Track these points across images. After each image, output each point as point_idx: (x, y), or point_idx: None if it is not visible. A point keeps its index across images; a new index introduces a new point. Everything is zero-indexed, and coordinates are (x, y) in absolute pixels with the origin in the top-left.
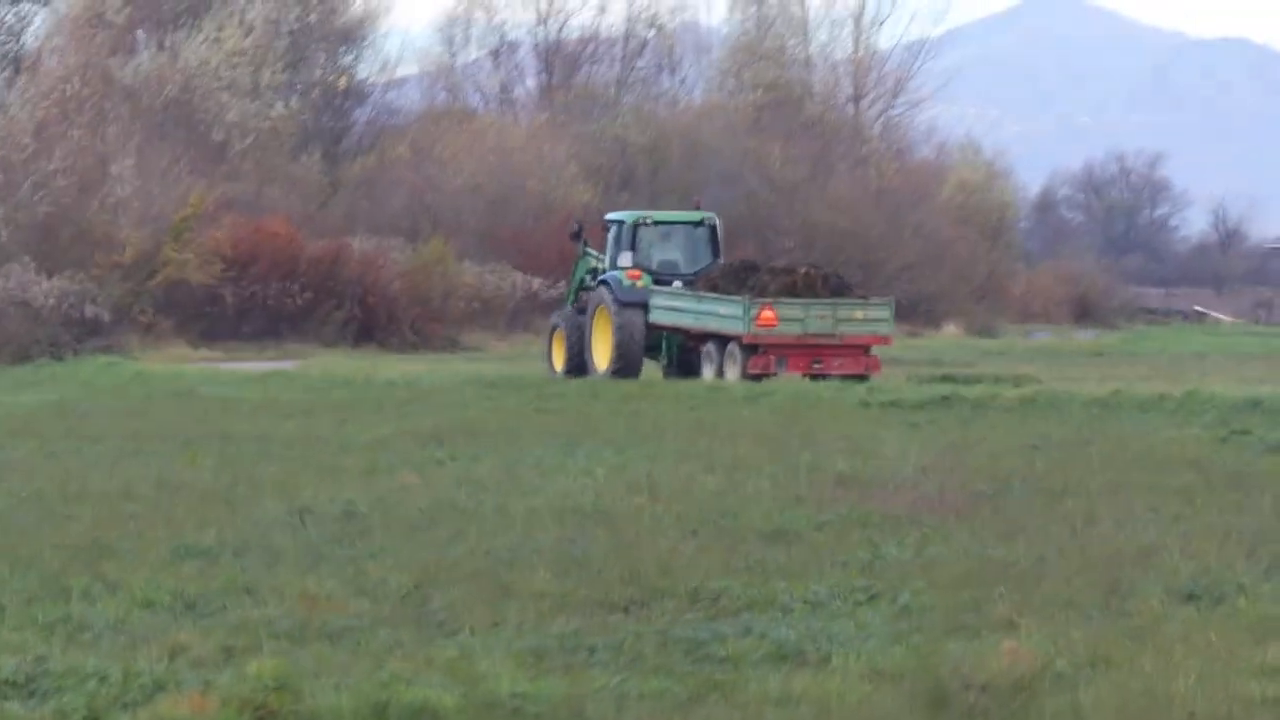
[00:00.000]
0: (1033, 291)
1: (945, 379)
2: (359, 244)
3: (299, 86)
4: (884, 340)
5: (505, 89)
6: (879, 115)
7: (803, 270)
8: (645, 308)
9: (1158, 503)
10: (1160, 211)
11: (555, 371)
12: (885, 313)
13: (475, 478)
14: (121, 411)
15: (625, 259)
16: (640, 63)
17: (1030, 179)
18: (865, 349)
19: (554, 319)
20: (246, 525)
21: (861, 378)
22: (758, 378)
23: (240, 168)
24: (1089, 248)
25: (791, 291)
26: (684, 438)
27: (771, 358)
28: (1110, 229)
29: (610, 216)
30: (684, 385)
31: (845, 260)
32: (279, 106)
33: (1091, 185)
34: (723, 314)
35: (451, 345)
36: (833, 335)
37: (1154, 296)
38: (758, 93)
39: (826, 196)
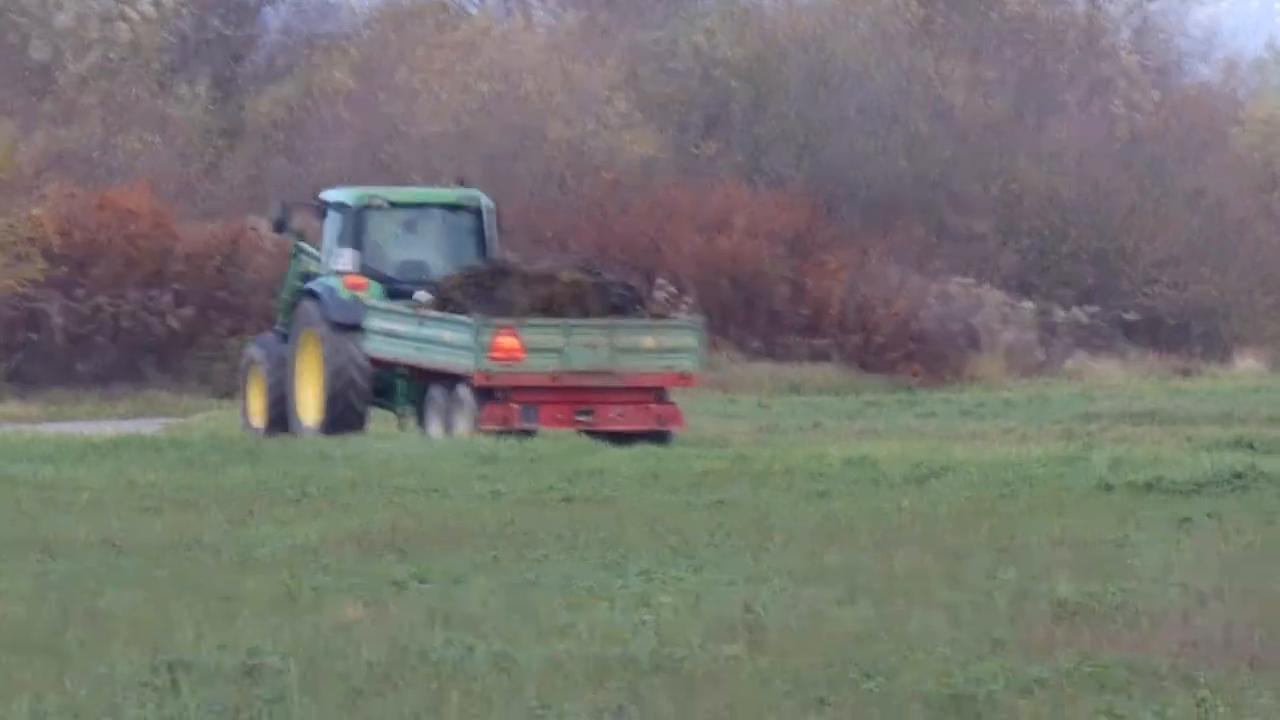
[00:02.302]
0: None
1: (1238, 445)
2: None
3: None
4: (685, 380)
5: None
6: (1127, 14)
7: (567, 276)
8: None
9: None
10: None
11: (254, 426)
12: (689, 339)
13: (459, 610)
14: None
15: (345, 259)
16: None
17: None
18: (658, 393)
19: (249, 350)
20: (84, 689)
21: (654, 437)
22: (504, 435)
23: (76, 104)
24: None
25: (548, 307)
26: (804, 544)
27: (515, 407)
28: None
29: (327, 195)
30: (798, 459)
31: (1071, 251)
32: (141, 4)
33: None
34: (448, 341)
35: None
36: (609, 373)
37: None
38: None
39: (1042, 145)
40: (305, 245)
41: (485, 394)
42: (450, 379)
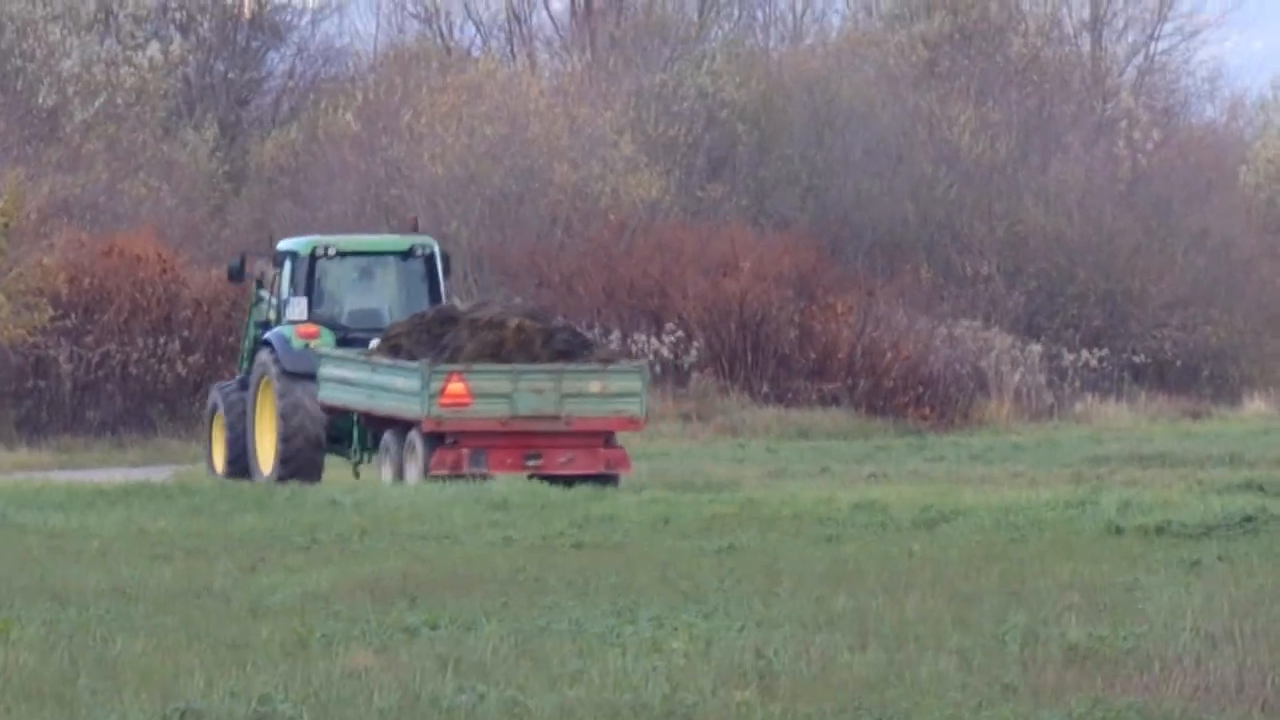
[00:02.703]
0: None
1: (1248, 487)
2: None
3: (178, 17)
4: (633, 424)
5: (517, 18)
6: (1131, 55)
7: (514, 323)
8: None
9: None
10: None
11: (217, 472)
12: (635, 383)
13: (470, 657)
14: None
15: (297, 308)
16: None
17: None
18: (605, 438)
19: (212, 397)
20: None
21: (602, 480)
22: (459, 479)
23: (83, 150)
24: None
25: (497, 354)
26: (815, 590)
27: (465, 451)
28: None
29: (283, 245)
30: (806, 504)
31: (1078, 293)
32: (147, 51)
33: None
34: (399, 388)
35: None
36: (556, 418)
37: None
38: (934, 20)
39: (1047, 187)
40: (265, 293)
41: (435, 439)
42: (402, 425)
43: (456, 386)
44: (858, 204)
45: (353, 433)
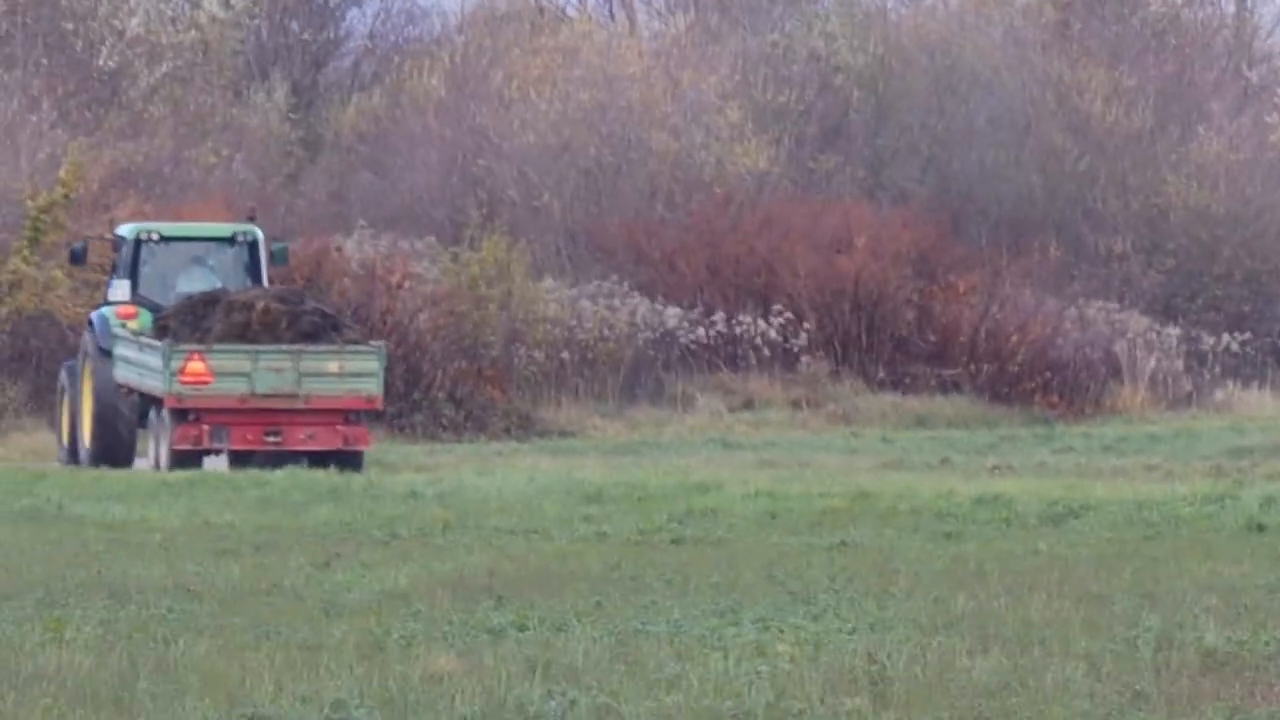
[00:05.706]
0: None
1: None
2: (357, 246)
3: None
4: (370, 404)
5: None
6: None
7: (261, 304)
8: None
9: None
10: None
11: (63, 450)
12: (372, 363)
13: (560, 660)
14: None
15: (120, 290)
16: None
17: None
18: (344, 415)
19: (60, 376)
20: None
21: (343, 457)
22: (192, 457)
23: (146, 115)
24: None
25: (244, 334)
26: (933, 590)
27: (206, 428)
28: None
29: (118, 230)
30: (925, 498)
31: (1221, 274)
32: (212, 6)
33: None
34: (151, 366)
35: (522, 426)
36: (295, 396)
37: None
38: None
39: (1188, 158)
40: None
41: (180, 415)
42: (159, 401)
43: (196, 365)
44: (981, 177)
45: None
